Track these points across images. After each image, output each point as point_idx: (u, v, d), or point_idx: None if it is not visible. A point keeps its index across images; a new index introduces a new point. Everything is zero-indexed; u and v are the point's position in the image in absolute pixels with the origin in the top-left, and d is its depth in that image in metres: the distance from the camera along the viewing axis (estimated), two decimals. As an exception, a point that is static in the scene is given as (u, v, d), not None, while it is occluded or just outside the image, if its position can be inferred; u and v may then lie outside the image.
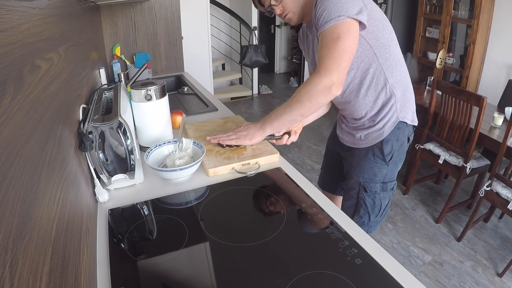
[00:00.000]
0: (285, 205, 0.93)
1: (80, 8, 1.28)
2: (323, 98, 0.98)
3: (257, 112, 4.51)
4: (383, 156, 1.20)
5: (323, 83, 0.95)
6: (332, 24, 0.94)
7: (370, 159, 1.23)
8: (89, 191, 0.88)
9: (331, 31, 0.94)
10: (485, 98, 1.94)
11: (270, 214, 0.92)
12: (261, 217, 0.92)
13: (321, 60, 0.96)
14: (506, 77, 2.97)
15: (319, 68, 0.96)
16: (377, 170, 1.23)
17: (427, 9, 3.48)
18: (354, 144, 1.27)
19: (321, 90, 0.96)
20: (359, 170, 1.25)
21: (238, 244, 0.79)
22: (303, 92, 0.99)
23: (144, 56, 2.22)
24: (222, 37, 4.86)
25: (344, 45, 0.94)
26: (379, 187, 1.26)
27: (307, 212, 0.89)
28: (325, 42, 0.95)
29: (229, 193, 1.00)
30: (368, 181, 1.24)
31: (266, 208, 0.95)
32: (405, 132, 1.20)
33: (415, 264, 2.00)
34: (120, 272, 0.72)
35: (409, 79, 1.19)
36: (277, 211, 0.92)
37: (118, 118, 0.92)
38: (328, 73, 0.94)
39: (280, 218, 0.88)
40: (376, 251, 0.76)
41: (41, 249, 0.42)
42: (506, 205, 1.87)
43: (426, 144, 2.40)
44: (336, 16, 0.93)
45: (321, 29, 0.96)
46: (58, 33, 0.79)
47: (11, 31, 0.46)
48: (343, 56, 0.94)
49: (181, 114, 1.39)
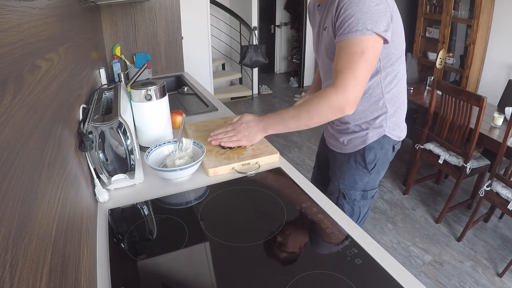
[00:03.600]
0: (285, 205, 0.93)
1: (80, 8, 1.28)
2: (334, 116, 0.97)
3: (257, 112, 4.51)
4: (365, 164, 1.16)
5: (338, 102, 0.92)
6: (358, 37, 0.89)
7: (351, 165, 1.19)
8: (89, 191, 0.88)
9: (356, 44, 0.89)
10: (485, 98, 1.94)
11: (270, 214, 0.92)
12: (261, 217, 0.92)
13: (339, 72, 0.91)
14: (506, 77, 2.97)
15: (336, 82, 0.92)
16: (358, 177, 1.19)
17: (427, 9, 3.48)
18: (337, 148, 1.23)
19: (334, 109, 0.94)
20: (340, 175, 1.21)
21: (238, 244, 0.79)
22: (315, 105, 0.96)
23: (144, 56, 2.22)
24: (222, 37, 4.86)
25: (367, 63, 0.90)
26: (359, 195, 1.22)
27: (307, 212, 0.89)
28: (347, 54, 0.90)
29: (229, 193, 1.00)
30: (348, 188, 1.19)
31: (266, 208, 0.95)
32: (390, 141, 1.16)
33: (415, 264, 2.00)
34: (120, 272, 0.72)
35: (405, 95, 1.16)
36: (277, 211, 0.92)
37: (118, 118, 0.92)
38: (346, 91, 0.91)
39: (280, 218, 0.88)
40: (376, 251, 0.76)
41: (41, 249, 0.42)
42: (506, 205, 1.87)
43: (426, 144, 2.40)
44: (364, 28, 0.88)
45: (344, 37, 0.91)
46: (58, 33, 0.79)
47: (11, 31, 0.46)
48: (364, 75, 0.91)
49: (181, 114, 1.39)
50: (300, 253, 0.78)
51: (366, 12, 0.88)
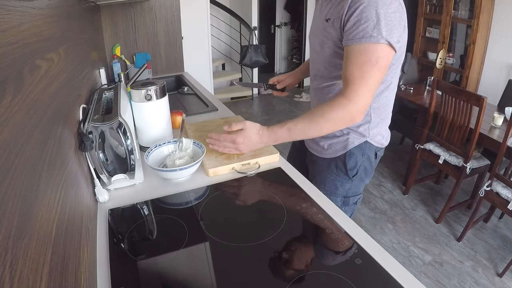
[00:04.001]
0: (285, 205, 0.93)
1: (80, 8, 1.28)
2: (344, 126, 0.96)
3: (257, 112, 4.51)
4: (346, 170, 1.13)
5: (351, 113, 0.91)
6: (373, 43, 0.85)
7: (332, 171, 1.15)
8: (89, 191, 0.88)
9: (370, 51, 0.86)
10: (485, 98, 1.94)
11: (270, 214, 0.92)
12: (261, 217, 0.92)
13: (351, 82, 0.89)
14: (506, 77, 2.97)
15: (349, 91, 0.90)
16: (339, 184, 1.16)
17: (427, 9, 3.48)
18: (317, 152, 1.19)
19: (346, 120, 0.93)
20: (320, 180, 1.17)
21: (238, 244, 0.79)
22: (326, 117, 0.93)
23: (144, 56, 2.22)
24: (222, 37, 4.86)
25: (380, 73, 0.89)
26: (340, 201, 1.18)
27: (307, 212, 0.89)
28: (361, 61, 0.88)
29: (229, 193, 1.00)
30: (328, 194, 1.12)
31: (266, 208, 0.95)
32: (372, 147, 1.12)
33: (415, 264, 2.00)
34: (120, 272, 0.72)
35: (391, 107, 1.12)
36: (277, 211, 0.92)
37: (118, 118, 0.92)
38: (358, 102, 0.90)
39: (280, 218, 0.87)
40: (376, 251, 0.76)
41: (41, 249, 0.42)
42: (506, 205, 1.87)
43: (426, 144, 2.40)
44: (379, 35, 0.85)
45: (358, 41, 0.87)
46: (58, 33, 0.79)
47: (11, 31, 0.46)
48: (375, 85, 0.90)
49: (181, 114, 1.39)
50: (300, 253, 0.78)
51: (383, 18, 0.84)
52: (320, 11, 1.06)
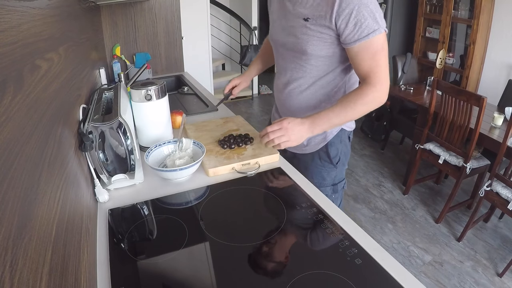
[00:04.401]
0: (285, 205, 0.93)
1: (80, 8, 1.28)
2: (375, 107, 1.03)
3: (257, 112, 4.51)
4: (330, 159, 1.20)
5: (380, 97, 1.01)
6: (376, 36, 0.95)
7: (317, 163, 1.22)
8: (89, 191, 0.88)
9: (376, 42, 0.96)
10: (485, 98, 1.94)
11: (270, 214, 0.92)
12: (261, 217, 0.92)
13: (371, 72, 0.99)
14: (506, 77, 2.97)
15: (374, 80, 0.99)
16: (325, 173, 1.22)
17: (427, 9, 3.48)
18: (298, 150, 1.24)
19: (376, 103, 1.02)
20: (307, 175, 1.18)
21: (238, 244, 0.79)
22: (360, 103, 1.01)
23: (144, 56, 2.22)
24: (222, 37, 4.86)
25: (386, 55, 1.00)
26: (330, 190, 1.24)
27: (307, 212, 0.89)
28: (372, 53, 0.97)
29: (229, 193, 1.00)
30: (318, 186, 1.13)
31: (266, 208, 0.95)
32: (345, 133, 1.22)
33: (415, 264, 2.00)
34: (120, 272, 0.72)
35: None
36: (277, 211, 0.92)
37: (118, 118, 0.92)
38: (383, 86, 1.00)
39: (280, 218, 0.88)
40: (376, 251, 0.76)
41: (41, 249, 0.42)
42: (506, 205, 1.87)
43: (426, 144, 2.40)
44: (379, 27, 0.95)
45: (365, 39, 0.95)
46: (58, 33, 0.79)
47: (11, 31, 0.46)
48: (387, 65, 1.01)
49: (181, 114, 1.39)
50: (300, 253, 0.78)
51: (375, 11, 0.94)
52: (289, 12, 1.07)
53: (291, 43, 1.09)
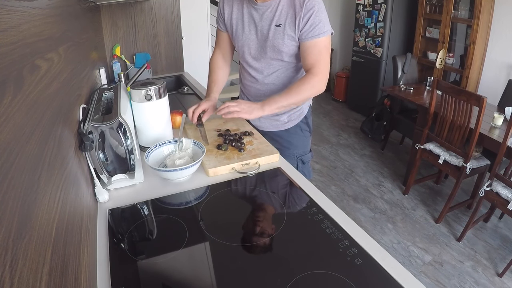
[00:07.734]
0: (285, 205, 0.93)
1: (80, 8, 1.29)
2: (314, 95, 1.25)
3: (257, 112, 4.50)
4: (309, 128, 1.47)
5: (320, 86, 1.21)
6: (326, 36, 1.18)
7: (299, 134, 1.43)
8: (89, 191, 0.88)
9: (324, 41, 1.19)
10: (485, 98, 1.94)
11: (270, 214, 0.92)
12: (261, 217, 0.92)
13: (315, 65, 1.20)
14: (506, 77, 2.96)
15: (317, 71, 1.19)
16: (306, 142, 1.46)
17: (427, 9, 3.48)
18: (278, 128, 1.42)
19: (316, 91, 1.22)
20: (292, 147, 1.42)
21: (238, 244, 0.79)
22: (303, 90, 1.19)
23: (144, 56, 2.22)
24: (222, 37, 4.85)
25: (329, 54, 1.23)
26: (310, 155, 1.48)
27: (307, 212, 0.89)
28: (319, 50, 1.19)
29: (229, 193, 1.00)
30: (303, 154, 1.44)
31: (266, 208, 0.95)
32: (308, 106, 1.46)
33: (415, 264, 2.00)
34: (120, 272, 0.72)
35: None
36: (277, 211, 0.92)
37: (118, 118, 0.92)
38: (324, 77, 1.21)
39: (280, 218, 0.88)
40: (376, 251, 0.76)
41: (41, 249, 0.42)
42: (506, 205, 1.87)
43: (426, 144, 2.40)
44: (328, 30, 1.18)
45: (316, 37, 1.17)
46: (58, 33, 0.79)
47: (11, 31, 0.46)
48: (329, 61, 1.23)
49: (181, 114, 1.39)
50: (300, 253, 0.78)
51: (326, 17, 1.18)
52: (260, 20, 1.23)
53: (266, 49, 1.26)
